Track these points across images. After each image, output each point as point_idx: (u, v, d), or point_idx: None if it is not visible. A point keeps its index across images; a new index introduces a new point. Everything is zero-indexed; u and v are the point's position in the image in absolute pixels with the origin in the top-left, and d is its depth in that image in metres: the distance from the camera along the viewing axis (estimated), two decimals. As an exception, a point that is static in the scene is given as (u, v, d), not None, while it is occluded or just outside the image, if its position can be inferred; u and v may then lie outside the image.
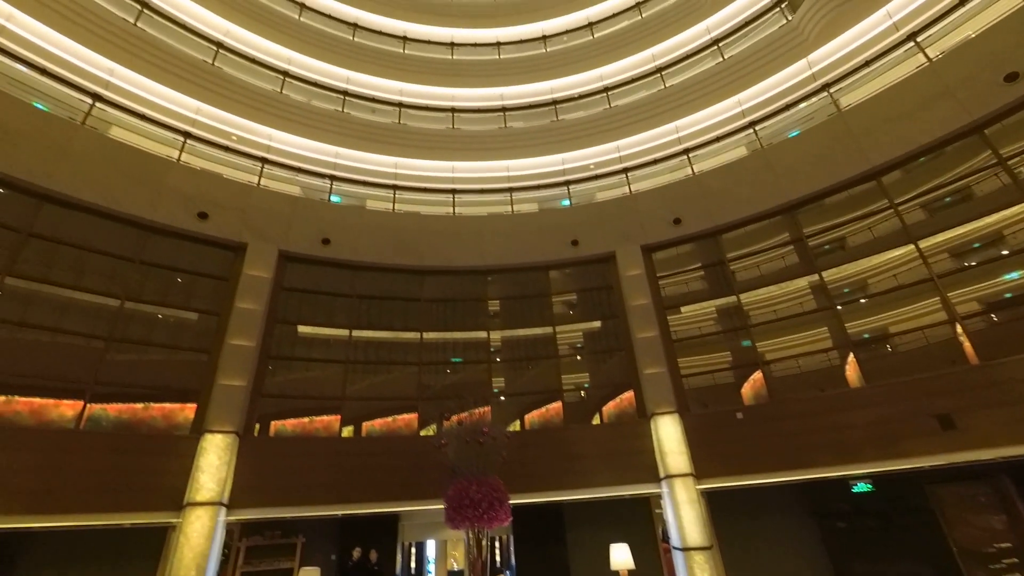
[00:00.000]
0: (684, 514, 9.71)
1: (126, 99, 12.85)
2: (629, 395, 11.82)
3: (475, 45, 20.40)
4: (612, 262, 13.14)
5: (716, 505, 10.22)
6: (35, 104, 10.85)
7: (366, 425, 11.81)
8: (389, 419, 11.85)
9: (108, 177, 10.49)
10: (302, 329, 12.25)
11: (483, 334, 12.90)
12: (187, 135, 13.03)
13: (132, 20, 13.69)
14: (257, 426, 10.60)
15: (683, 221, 12.75)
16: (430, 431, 11.58)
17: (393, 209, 14.81)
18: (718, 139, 14.63)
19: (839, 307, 10.62)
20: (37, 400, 8.88)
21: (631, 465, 10.51)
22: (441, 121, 17.93)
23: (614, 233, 13.30)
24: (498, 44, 20.37)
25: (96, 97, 11.88)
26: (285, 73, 16.39)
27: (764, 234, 12.38)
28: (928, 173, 10.62)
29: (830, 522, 10.05)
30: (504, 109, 18.35)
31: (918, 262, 9.99)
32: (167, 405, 9.95)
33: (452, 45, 20.21)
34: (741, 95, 14.94)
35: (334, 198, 14.97)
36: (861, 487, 10.03)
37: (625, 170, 15.41)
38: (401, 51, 19.36)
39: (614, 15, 19.76)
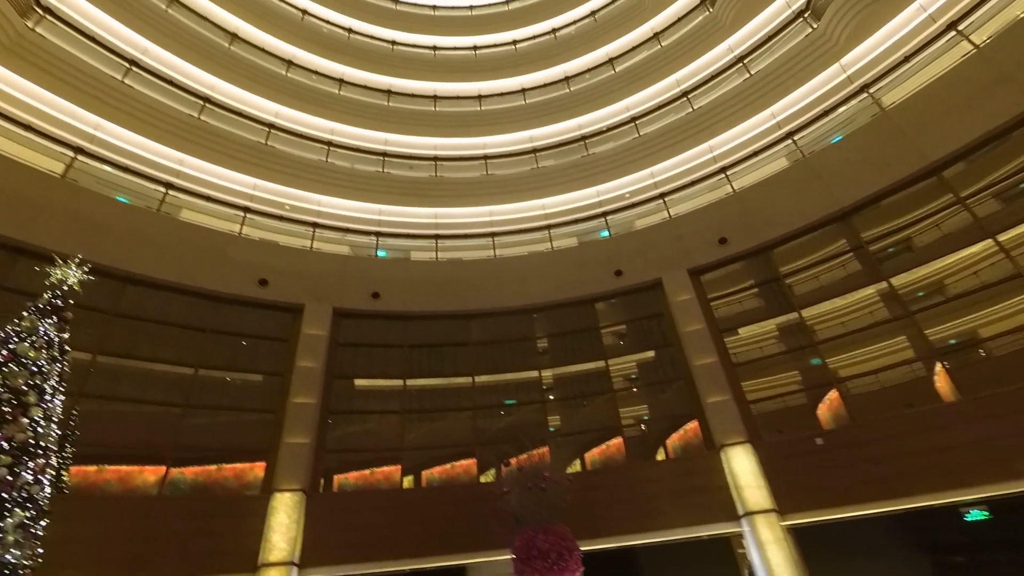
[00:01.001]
0: (771, 556, 8.89)
1: (193, 184, 14.18)
2: (693, 426, 11.23)
3: (502, 94, 21.29)
4: (659, 289, 12.84)
5: (807, 544, 9.30)
6: (118, 198, 12.17)
7: (425, 474, 11.77)
8: (447, 466, 11.78)
9: (181, 255, 11.47)
10: (358, 382, 12.58)
11: (534, 373, 12.77)
12: (246, 210, 14.14)
13: (196, 114, 15.29)
14: (321, 481, 10.79)
15: (729, 240, 12.37)
16: (489, 476, 11.38)
17: (436, 258, 15.26)
18: (755, 154, 14.31)
19: (916, 314, 9.80)
20: (124, 468, 9.48)
21: (704, 503, 9.83)
22: (475, 168, 18.60)
23: (658, 259, 13.06)
24: (523, 91, 21.18)
25: (168, 186, 13.20)
26: (329, 143, 17.63)
27: (818, 244, 11.79)
28: (995, 162, 9.87)
29: (944, 557, 8.92)
30: (535, 150, 18.84)
31: (1000, 257, 9.15)
32: (238, 465, 10.36)
33: (480, 98, 21.18)
34: (774, 107, 14.67)
35: (380, 253, 15.64)
36: (976, 515, 8.89)
37: (662, 195, 15.28)
38: (433, 109, 20.48)
39: (633, 48, 20.19)
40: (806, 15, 14.88)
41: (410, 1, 24.75)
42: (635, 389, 12.93)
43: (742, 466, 9.84)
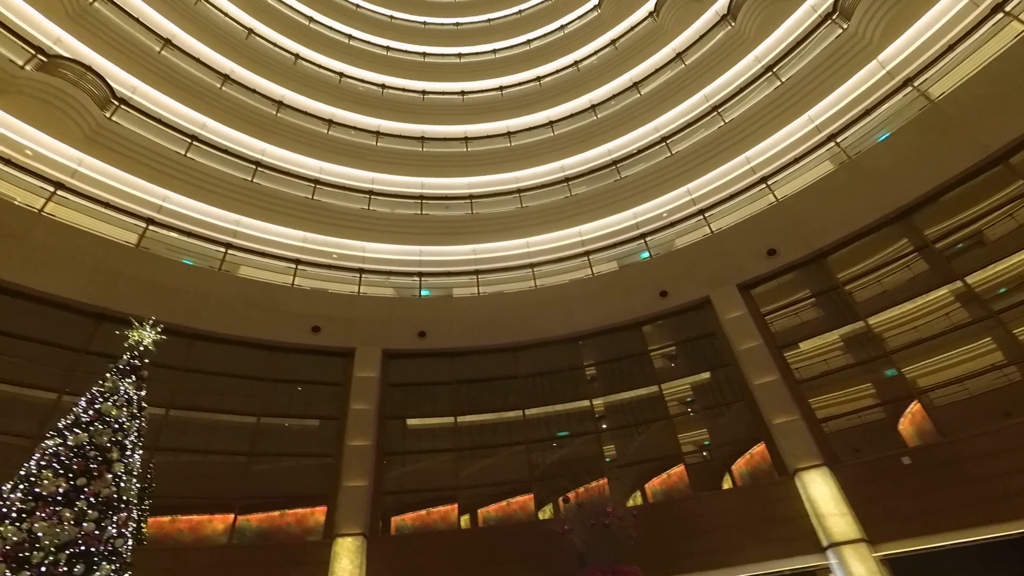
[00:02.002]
0: (866, 591, 8.04)
1: (249, 242, 15.16)
2: (760, 450, 10.55)
3: (530, 129, 21.82)
4: (708, 307, 12.40)
5: (907, 576, 8.38)
6: (185, 261, 13.15)
7: (482, 512, 11.56)
8: (503, 503, 11.54)
9: (240, 310, 12.16)
10: (410, 422, 12.69)
11: (585, 403, 12.48)
12: (298, 262, 14.90)
13: (250, 178, 16.49)
14: (380, 524, 10.80)
15: (778, 251, 11.87)
16: (547, 513, 11.05)
17: (478, 293, 15.43)
18: (796, 160, 13.85)
19: (1000, 313, 8.96)
20: (195, 517, 9.85)
21: (783, 535, 9.09)
22: (510, 202, 18.94)
23: (704, 277, 12.67)
24: (551, 123, 21.63)
25: (227, 246, 14.15)
26: (370, 192, 18.51)
27: (877, 247, 11.11)
28: (1069, 143, 9.11)
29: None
30: (567, 179, 19.03)
31: (1092, 245, 8.31)
32: (299, 511, 10.55)
33: (509, 134, 21.78)
34: (810, 112, 14.27)
35: (424, 292, 16.01)
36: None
37: (701, 211, 14.96)
38: (465, 150, 21.23)
39: (657, 70, 20.32)
40: (834, 17, 14.57)
41: (438, 52, 26.13)
42: (691, 412, 12.37)
43: (820, 492, 9.08)
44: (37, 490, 4.85)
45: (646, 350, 12.76)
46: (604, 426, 12.38)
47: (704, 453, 12.01)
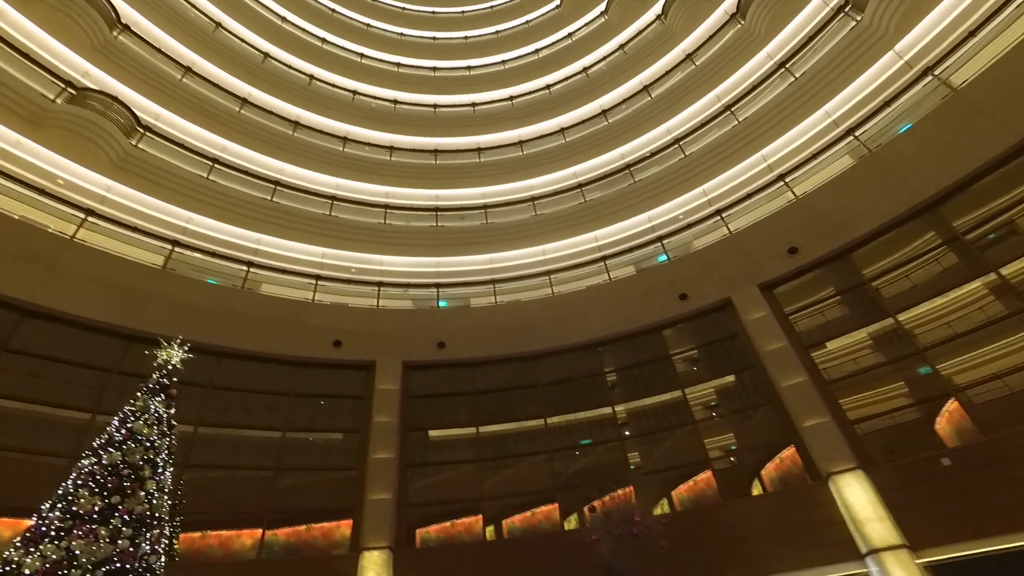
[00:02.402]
0: (911, 600, 7.71)
1: (270, 259, 15.47)
2: (790, 454, 10.27)
3: (542, 136, 21.90)
4: (730, 309, 12.19)
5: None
6: (209, 280, 13.48)
7: (506, 522, 11.47)
8: (528, 513, 11.42)
9: (264, 326, 12.38)
10: (432, 433, 12.71)
11: (607, 410, 12.33)
12: (318, 277, 15.13)
13: (269, 197, 16.88)
14: (405, 536, 10.78)
15: (800, 249, 11.63)
16: (572, 522, 10.90)
17: (495, 302, 15.44)
18: (814, 156, 13.59)
19: (1039, 306, 8.60)
20: (224, 532, 9.98)
21: (819, 542, 8.79)
22: (524, 211, 18.98)
23: (724, 278, 12.47)
24: (562, 130, 21.69)
25: (249, 264, 14.45)
26: (386, 206, 18.75)
27: (904, 241, 10.80)
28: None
29: None
30: (580, 185, 19.00)
31: None
32: (325, 524, 10.61)
33: (521, 143, 21.90)
34: (827, 107, 14.03)
35: (441, 303, 16.09)
36: None
37: (718, 212, 14.76)
38: (478, 160, 21.39)
39: (667, 72, 20.23)
40: (847, 9, 14.34)
41: (448, 66, 26.50)
42: (715, 416, 12.11)
43: (856, 496, 8.77)
44: (74, 508, 4.98)
45: (667, 354, 12.58)
46: (627, 433, 12.22)
47: (732, 458, 11.74)
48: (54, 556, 4.58)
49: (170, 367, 7.22)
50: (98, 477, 5.35)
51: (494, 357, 13.33)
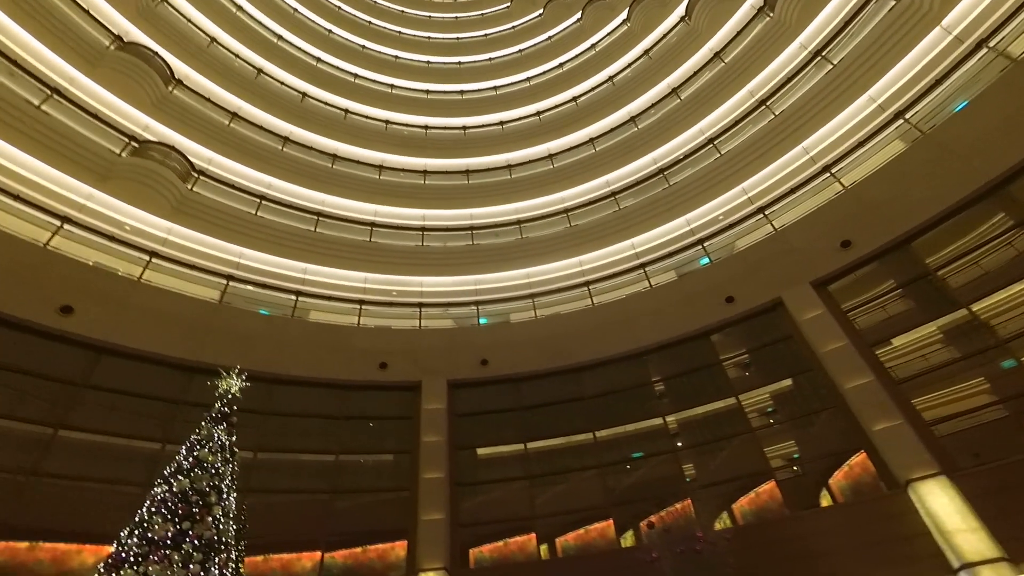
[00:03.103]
0: (1015, 620, 6.95)
1: (317, 287, 16.08)
2: (860, 460, 9.59)
3: (571, 148, 21.95)
4: (781, 309, 11.65)
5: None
6: (261, 311, 14.14)
7: (560, 540, 11.20)
8: (581, 531, 11.14)
9: (313, 352, 12.83)
10: (480, 451, 12.69)
11: (658, 421, 11.95)
12: (361, 302, 15.59)
13: (312, 228, 17.63)
14: (459, 557, 10.74)
15: (853, 242, 11.02)
16: (628, 539, 10.55)
17: (535, 316, 15.39)
18: (861, 144, 12.93)
19: None
20: (285, 556, 10.25)
21: (903, 556, 8.10)
22: (558, 223, 18.97)
23: (772, 277, 11.96)
24: (591, 140, 21.65)
25: (297, 293, 15.08)
26: (422, 228, 19.19)
27: (970, 226, 10.03)
28: None
29: None
30: (613, 193, 18.83)
31: None
32: (381, 546, 10.72)
33: (551, 156, 22.02)
34: (871, 92, 13.37)
35: (481, 320, 16.20)
36: None
37: (760, 210, 14.24)
38: (509, 177, 21.63)
39: (695, 73, 19.90)
40: (882, -10, 13.72)
41: (475, 89, 27.15)
42: (773, 423, 11.50)
43: (942, 505, 8.05)
44: (149, 535, 5.26)
45: (717, 360, 12.12)
46: (680, 444, 11.78)
47: (795, 467, 11.08)
48: (134, 581, 4.83)
49: (230, 396, 7.58)
50: (169, 504, 5.64)
51: (538, 372, 13.25)
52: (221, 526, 5.93)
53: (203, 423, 7.02)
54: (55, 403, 9.69)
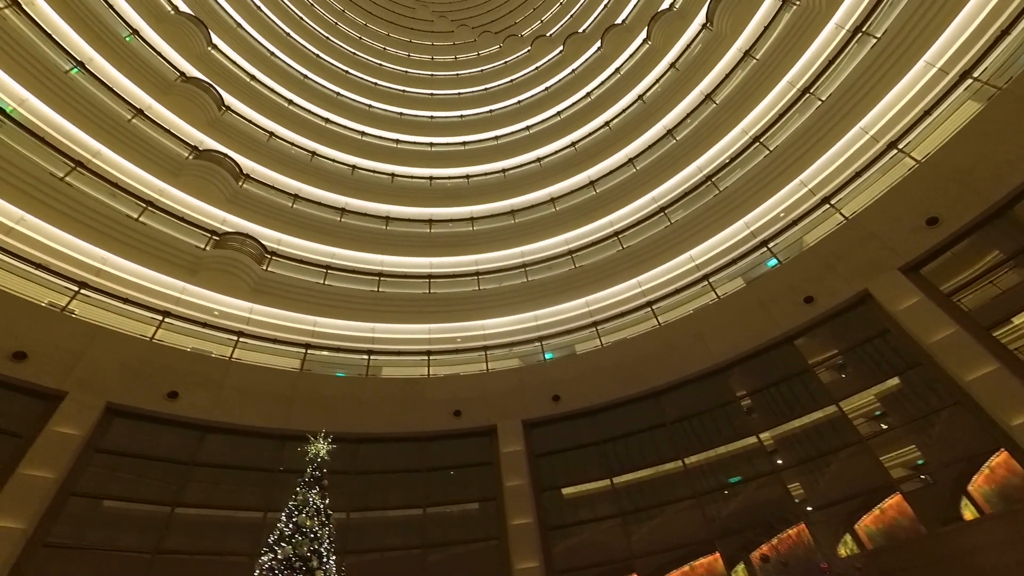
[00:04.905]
0: None
1: (386, 344, 16.74)
2: (1001, 459, 8.33)
3: (610, 172, 21.94)
4: (870, 302, 10.68)
5: None
6: (338, 374, 14.85)
7: (660, 582, 10.47)
8: (686, 568, 10.35)
9: (390, 408, 13.21)
10: (566, 491, 12.28)
11: (751, 439, 11.10)
12: (429, 353, 16.00)
13: (376, 288, 18.54)
14: (561, 607, 10.26)
15: (941, 218, 10.01)
16: (740, 573, 9.64)
17: (600, 344, 15.06)
18: (927, 113, 11.95)
19: None
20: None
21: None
22: (610, 247, 18.79)
23: (853, 269, 11.05)
24: (630, 161, 21.58)
25: (369, 352, 15.76)
26: (477, 273, 19.66)
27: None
28: None
29: None
30: (661, 209, 18.47)
31: None
32: (478, 601, 10.45)
33: (592, 184, 22.11)
34: (926, 57, 12.45)
35: (548, 355, 16.06)
36: None
37: (825, 200, 13.38)
38: (554, 210, 21.90)
39: (727, 76, 19.51)
40: (918, -48, 12.96)
41: (509, 132, 28.17)
42: (885, 428, 10.31)
43: (1121, 506, 6.77)
44: (262, 604, 5.46)
45: (806, 367, 11.20)
46: (780, 462, 10.82)
47: (922, 476, 9.81)
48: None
49: (319, 459, 7.92)
50: (276, 572, 5.87)
51: (612, 401, 12.83)
52: (325, 590, 6.07)
53: (298, 488, 7.34)
54: (169, 482, 10.53)
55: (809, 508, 9.98)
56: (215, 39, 22.29)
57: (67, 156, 13.92)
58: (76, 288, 12.08)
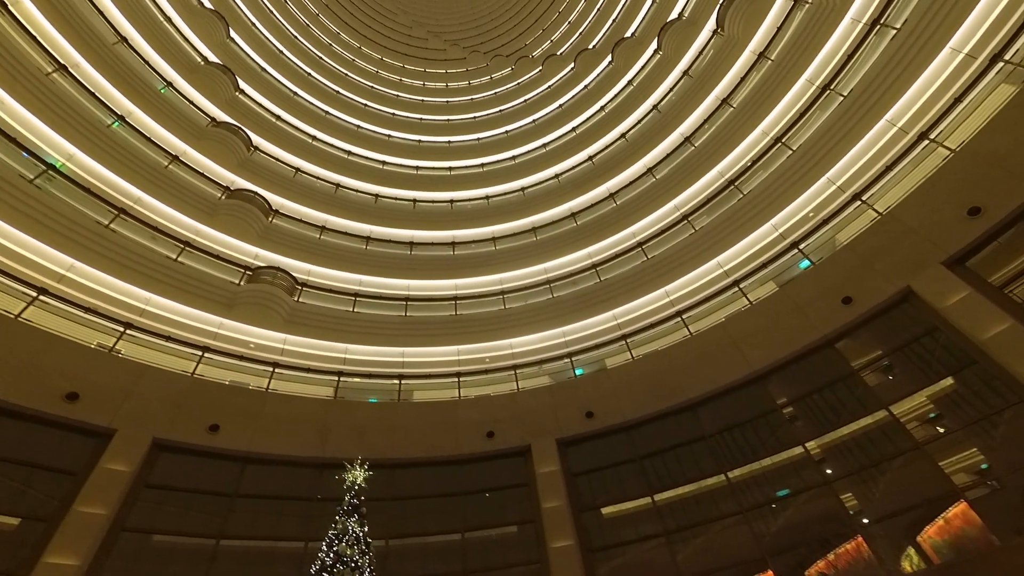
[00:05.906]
0: None
1: (416, 368, 16.85)
2: (1078, 463, 7.72)
3: (631, 183, 21.85)
4: (914, 299, 10.21)
5: None
6: (370, 400, 15.00)
7: (717, 604, 10.00)
8: (740, 588, 9.89)
9: (423, 431, 13.22)
10: (606, 511, 11.96)
11: (797, 449, 10.63)
12: (458, 374, 16.02)
13: (403, 313, 18.78)
14: (609, 633, 9.91)
15: (984, 207, 9.55)
16: (798, 593, 9.15)
17: (631, 357, 14.80)
18: (957, 100, 11.53)
19: None
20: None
21: None
22: (634, 258, 18.61)
23: (892, 266, 10.61)
24: (650, 170, 21.46)
25: (400, 377, 15.89)
26: (502, 292, 19.72)
27: None
28: None
29: None
30: (684, 217, 18.24)
31: None
32: (522, 627, 10.19)
33: (612, 196, 22.05)
34: (951, 43, 12.05)
35: (578, 371, 15.86)
36: None
37: (856, 196, 12.97)
38: (575, 224, 21.88)
39: (742, 79, 19.33)
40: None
41: (528, 150, 28.47)
42: (941, 431, 9.72)
43: None
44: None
45: (850, 370, 10.73)
46: (829, 472, 10.31)
47: (989, 481, 9.18)
48: None
49: (356, 487, 7.95)
50: (320, 603, 5.87)
51: (647, 415, 12.53)
52: (368, 621, 6.03)
53: (337, 517, 7.38)
54: (213, 514, 10.74)
55: (865, 520, 9.45)
56: (242, 84, 23.44)
57: (111, 204, 14.75)
58: (122, 328, 12.65)
